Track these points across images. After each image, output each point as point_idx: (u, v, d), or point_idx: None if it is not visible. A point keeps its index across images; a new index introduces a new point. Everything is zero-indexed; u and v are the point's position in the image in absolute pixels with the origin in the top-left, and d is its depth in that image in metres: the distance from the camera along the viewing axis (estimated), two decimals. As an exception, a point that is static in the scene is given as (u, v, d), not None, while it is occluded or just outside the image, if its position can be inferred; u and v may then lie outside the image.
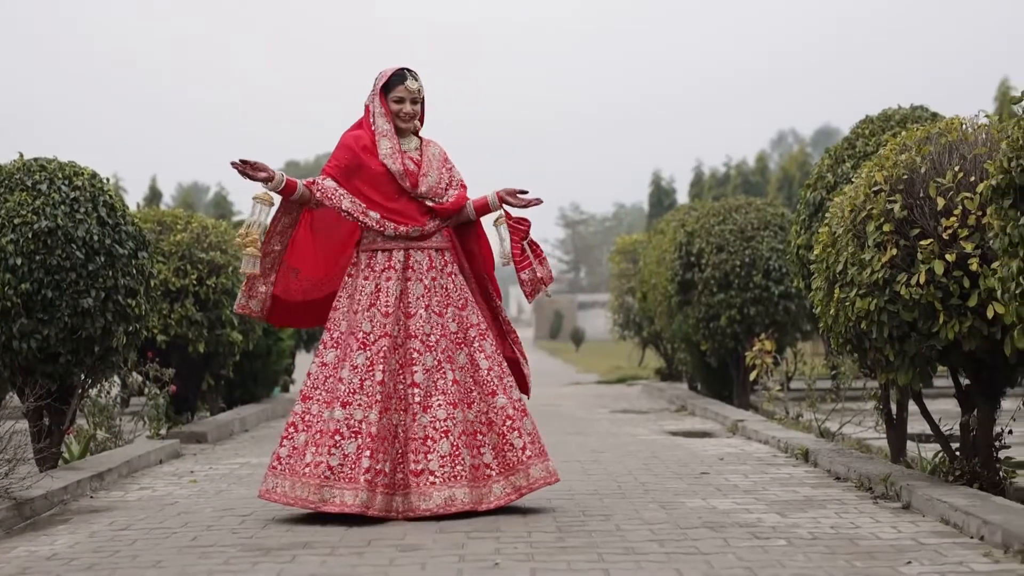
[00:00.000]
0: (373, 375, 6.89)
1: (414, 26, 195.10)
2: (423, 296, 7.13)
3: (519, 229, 7.45)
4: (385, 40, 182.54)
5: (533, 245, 7.53)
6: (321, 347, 7.11)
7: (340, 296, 7.18)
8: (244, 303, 7.24)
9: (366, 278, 7.12)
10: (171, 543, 6.26)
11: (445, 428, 6.89)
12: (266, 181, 7.03)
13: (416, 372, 6.98)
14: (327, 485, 6.70)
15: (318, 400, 6.94)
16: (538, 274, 7.49)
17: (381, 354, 6.93)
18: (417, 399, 6.92)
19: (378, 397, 6.84)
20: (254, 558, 5.82)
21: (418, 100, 7.31)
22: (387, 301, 7.03)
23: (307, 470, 6.76)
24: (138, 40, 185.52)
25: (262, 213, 7.09)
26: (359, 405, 6.83)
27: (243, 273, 7.15)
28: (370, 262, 7.15)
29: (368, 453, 6.73)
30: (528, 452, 7.03)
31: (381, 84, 7.26)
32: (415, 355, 7.01)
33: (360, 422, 6.80)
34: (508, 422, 7.03)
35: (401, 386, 6.97)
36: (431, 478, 6.80)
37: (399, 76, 7.26)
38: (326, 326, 7.16)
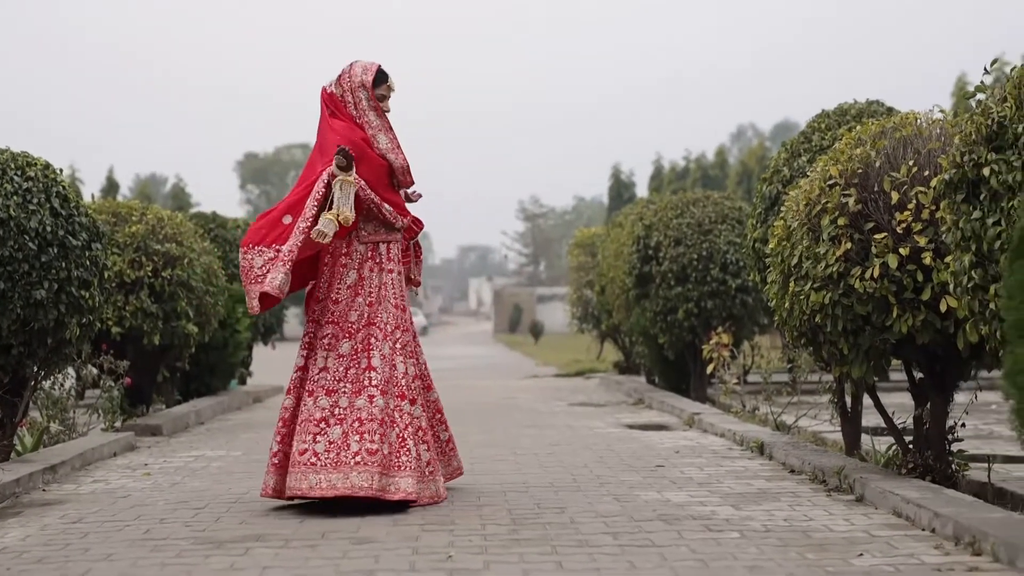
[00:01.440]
0: (395, 367, 6.99)
1: (367, 18, 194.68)
2: (405, 290, 7.29)
3: (413, 229, 7.59)
4: (337, 34, 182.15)
5: (416, 246, 7.68)
6: (330, 340, 7.03)
7: (337, 288, 7.09)
8: (285, 287, 6.87)
9: (371, 270, 7.13)
10: (123, 536, 6.21)
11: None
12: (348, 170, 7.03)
13: (418, 365, 7.17)
14: (386, 473, 6.75)
15: (345, 392, 6.90)
16: (411, 274, 7.61)
17: (399, 345, 7.05)
18: (418, 390, 7.12)
19: (405, 389, 6.98)
20: (207, 551, 5.79)
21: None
22: (396, 293, 7.15)
23: (358, 459, 6.73)
24: (101, 32, 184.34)
25: (351, 193, 7.01)
26: (393, 395, 6.92)
27: (316, 238, 6.83)
28: (372, 254, 7.17)
29: (412, 443, 6.88)
30: (452, 444, 7.42)
31: (371, 79, 7.26)
32: (413, 348, 7.18)
33: (394, 411, 6.90)
34: (437, 415, 7.37)
35: (405, 378, 7.09)
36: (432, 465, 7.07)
37: (383, 74, 7.31)
38: (327, 319, 7.06)
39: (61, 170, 8.79)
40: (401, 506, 6.78)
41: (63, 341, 8.59)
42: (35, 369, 8.70)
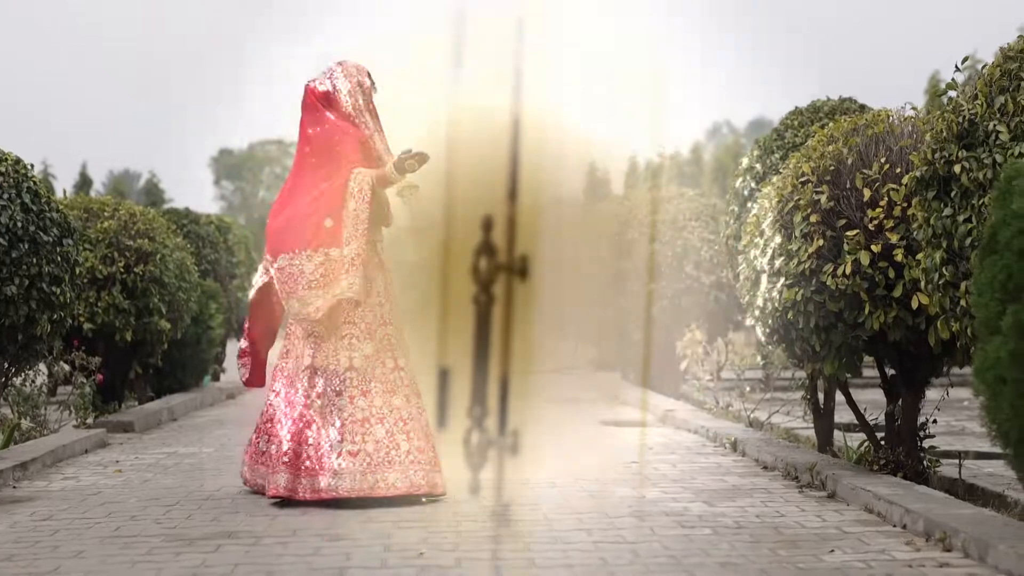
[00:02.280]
0: (409, 363, 7.07)
1: (353, 17, 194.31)
2: None
3: None
4: (320, 33, 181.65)
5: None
6: (351, 341, 6.98)
7: None
8: (364, 290, 6.97)
9: (374, 269, 7.12)
10: (93, 533, 6.18)
11: None
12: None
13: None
14: (434, 470, 6.90)
15: (378, 392, 6.93)
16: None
17: (407, 344, 7.13)
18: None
19: (417, 386, 7.08)
20: (177, 548, 5.76)
21: None
22: (394, 292, 7.16)
23: (411, 457, 6.83)
24: (81, 28, 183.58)
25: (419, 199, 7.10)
26: (415, 392, 7.01)
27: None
28: (372, 253, 7.16)
29: (433, 439, 7.03)
30: None
31: (367, 81, 7.27)
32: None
33: (414, 407, 6.99)
34: None
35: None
36: None
37: (372, 78, 7.33)
38: (346, 319, 6.97)
39: (32, 165, 8.74)
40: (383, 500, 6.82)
41: (34, 337, 8.54)
42: (6, 365, 8.66)
